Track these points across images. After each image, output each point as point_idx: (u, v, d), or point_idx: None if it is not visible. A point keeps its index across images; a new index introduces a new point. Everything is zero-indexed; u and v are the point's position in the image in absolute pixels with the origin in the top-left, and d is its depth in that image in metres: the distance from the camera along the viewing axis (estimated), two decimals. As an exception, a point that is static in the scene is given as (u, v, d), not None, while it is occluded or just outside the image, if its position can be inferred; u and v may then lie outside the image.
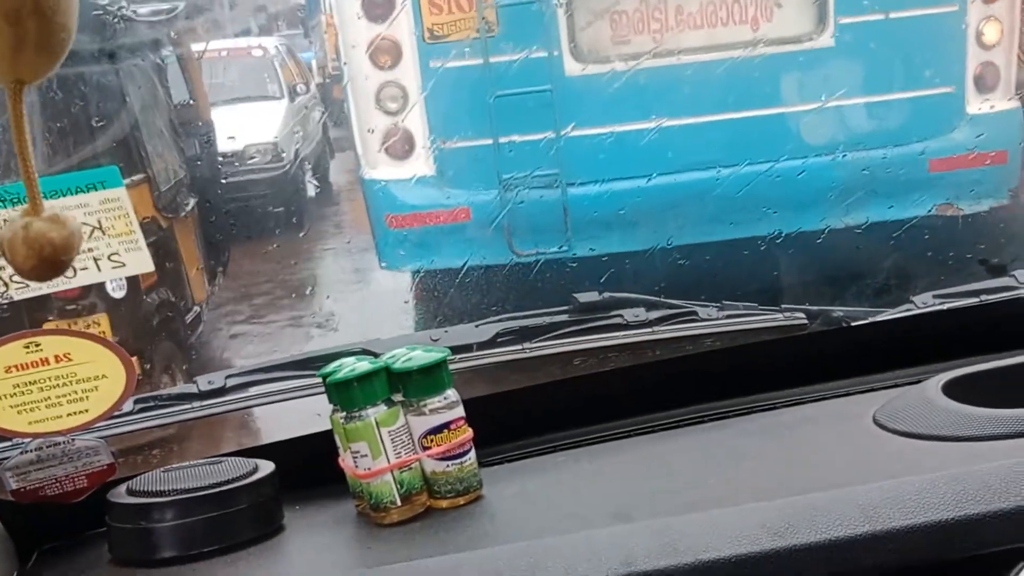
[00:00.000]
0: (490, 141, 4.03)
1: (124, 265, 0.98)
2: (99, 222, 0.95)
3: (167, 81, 5.13)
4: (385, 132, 4.19)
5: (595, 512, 1.05)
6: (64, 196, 0.93)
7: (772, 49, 4.07)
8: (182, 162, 5.10)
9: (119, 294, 4.07)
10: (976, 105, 4.28)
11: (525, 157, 4.02)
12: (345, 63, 4.35)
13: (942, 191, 4.16)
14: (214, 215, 5.49)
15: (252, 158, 7.64)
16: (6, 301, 0.97)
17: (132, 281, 4.14)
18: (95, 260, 0.97)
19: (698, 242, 3.81)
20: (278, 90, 8.71)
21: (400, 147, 4.19)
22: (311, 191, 8.94)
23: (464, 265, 3.84)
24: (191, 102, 5.50)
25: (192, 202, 5.11)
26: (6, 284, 0.97)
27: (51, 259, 0.57)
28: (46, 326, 3.48)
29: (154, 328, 4.33)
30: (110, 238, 0.95)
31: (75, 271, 0.97)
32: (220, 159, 6.20)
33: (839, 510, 0.94)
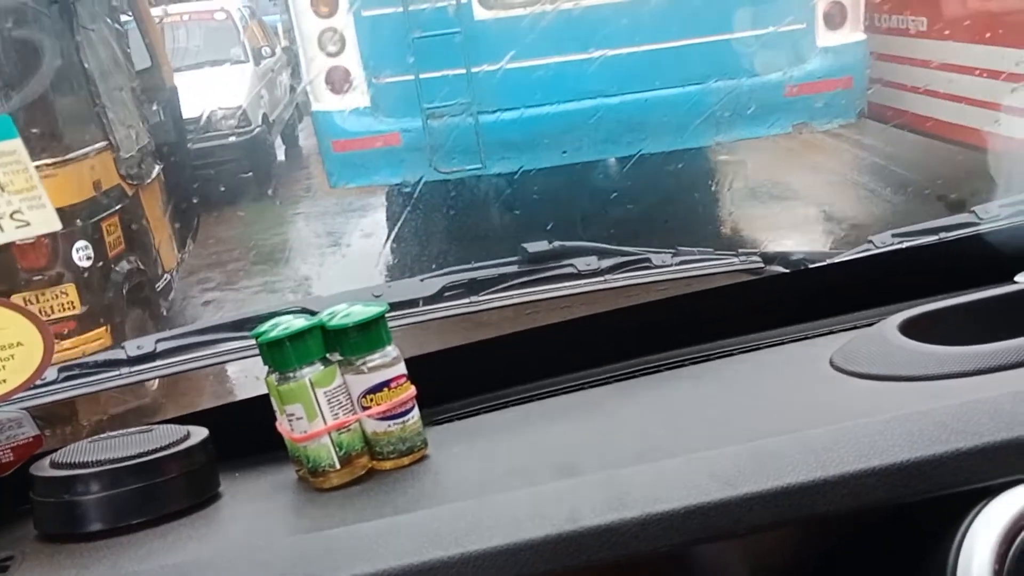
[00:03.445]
0: (412, 77, 4.76)
1: (29, 224, 0.91)
2: (-5, 178, 0.88)
3: (128, 47, 5.05)
4: (327, 71, 4.93)
5: (540, 466, 1.01)
6: (-50, 151, 0.87)
7: None
8: (146, 129, 5.04)
9: (86, 263, 4.01)
10: (825, 39, 5.04)
11: (442, 89, 4.74)
12: (293, 13, 5.08)
13: (797, 113, 4.90)
14: (182, 181, 5.54)
15: (218, 123, 7.54)
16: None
17: (99, 250, 4.09)
18: (-5, 219, 0.90)
19: (594, 159, 4.62)
20: (243, 54, 8.58)
21: (340, 83, 4.94)
22: (280, 155, 8.88)
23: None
24: (153, 68, 5.42)
25: (157, 169, 5.05)
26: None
27: None
28: (13, 299, 3.40)
29: (124, 297, 4.27)
30: (10, 195, 0.89)
31: (-25, 232, 0.90)
32: (186, 125, 6.12)
33: (791, 455, 0.90)
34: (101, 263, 4.11)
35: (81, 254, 3.99)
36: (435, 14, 4.69)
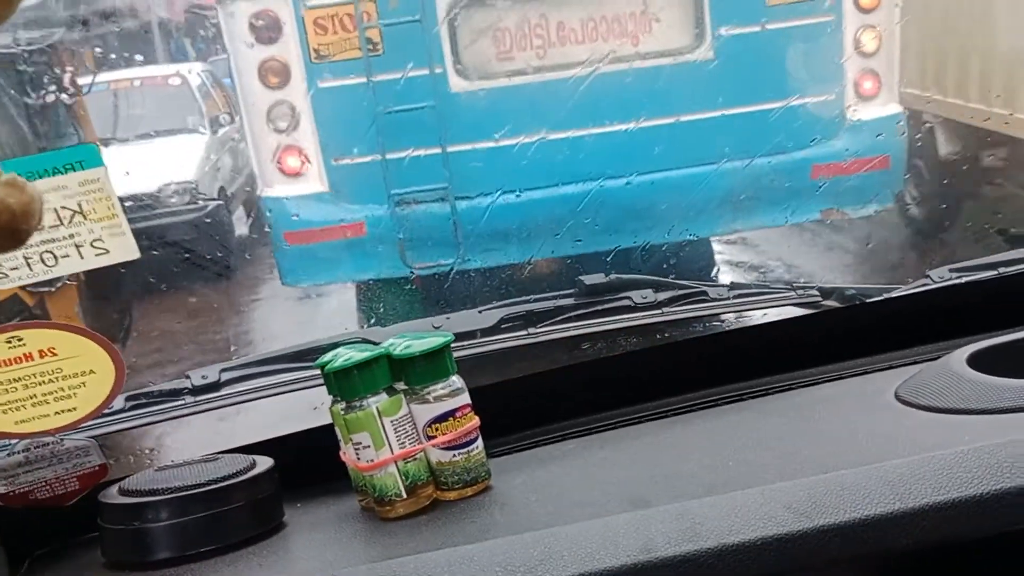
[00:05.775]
0: (379, 157, 4.09)
1: (108, 252, 0.93)
2: (79, 205, 0.90)
3: (39, 125, 4.29)
4: (278, 150, 4.24)
5: (610, 499, 1.00)
6: (39, 178, 0.88)
7: (653, 62, 4.15)
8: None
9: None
10: (857, 112, 4.32)
11: (414, 172, 4.09)
12: (238, 84, 4.39)
13: (825, 197, 4.20)
14: (109, 278, 4.28)
15: (167, 200, 6.85)
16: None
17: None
18: (77, 247, 0.92)
19: (590, 252, 3.59)
20: (199, 122, 7.62)
21: (293, 165, 4.25)
22: (242, 228, 7.48)
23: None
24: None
25: (73, 267, 4.37)
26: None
27: (9, 227, 0.52)
28: None
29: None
30: (92, 223, 0.90)
31: (56, 259, 0.92)
32: (126, 205, 5.46)
33: (868, 487, 0.89)
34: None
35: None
36: (405, 85, 4.04)
